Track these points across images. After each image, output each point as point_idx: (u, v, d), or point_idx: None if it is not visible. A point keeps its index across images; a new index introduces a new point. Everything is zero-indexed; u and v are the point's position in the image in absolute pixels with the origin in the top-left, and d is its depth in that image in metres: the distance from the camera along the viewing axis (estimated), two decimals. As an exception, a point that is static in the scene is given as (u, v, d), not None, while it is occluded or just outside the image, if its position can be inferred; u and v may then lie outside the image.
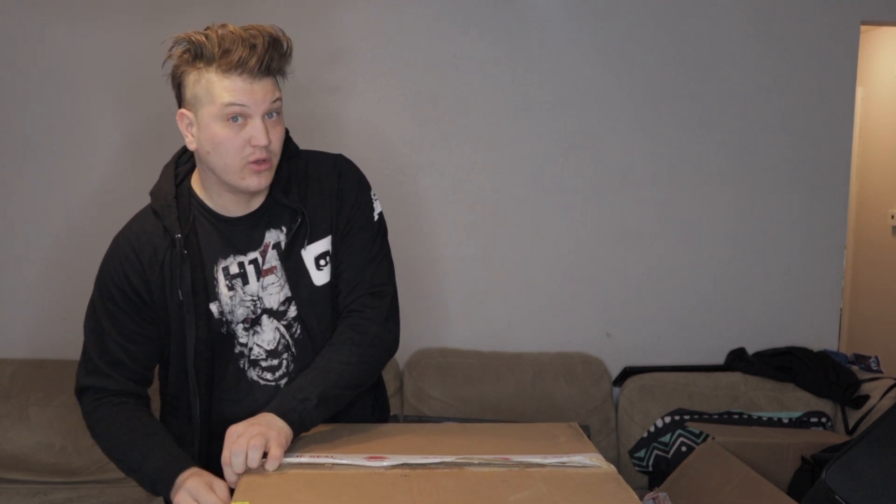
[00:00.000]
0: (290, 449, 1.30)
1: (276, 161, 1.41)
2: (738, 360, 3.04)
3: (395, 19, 2.94)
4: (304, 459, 1.26)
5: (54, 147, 2.89)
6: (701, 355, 3.08)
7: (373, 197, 1.54)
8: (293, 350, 1.48)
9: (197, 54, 1.34)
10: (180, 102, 1.40)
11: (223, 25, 1.36)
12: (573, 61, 2.99)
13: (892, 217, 4.39)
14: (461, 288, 3.03)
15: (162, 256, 1.42)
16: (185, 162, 1.50)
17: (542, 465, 1.26)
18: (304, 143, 1.56)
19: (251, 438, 1.25)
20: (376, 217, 1.53)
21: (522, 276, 3.04)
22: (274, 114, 1.38)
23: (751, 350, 3.08)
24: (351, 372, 1.42)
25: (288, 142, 1.50)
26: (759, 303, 3.10)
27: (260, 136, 1.35)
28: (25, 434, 2.74)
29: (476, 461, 1.26)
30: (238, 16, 2.85)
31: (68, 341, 2.27)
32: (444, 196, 3.00)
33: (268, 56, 1.34)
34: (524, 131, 3.00)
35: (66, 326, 2.76)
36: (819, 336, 3.11)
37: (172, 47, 1.38)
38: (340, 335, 1.45)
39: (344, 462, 1.25)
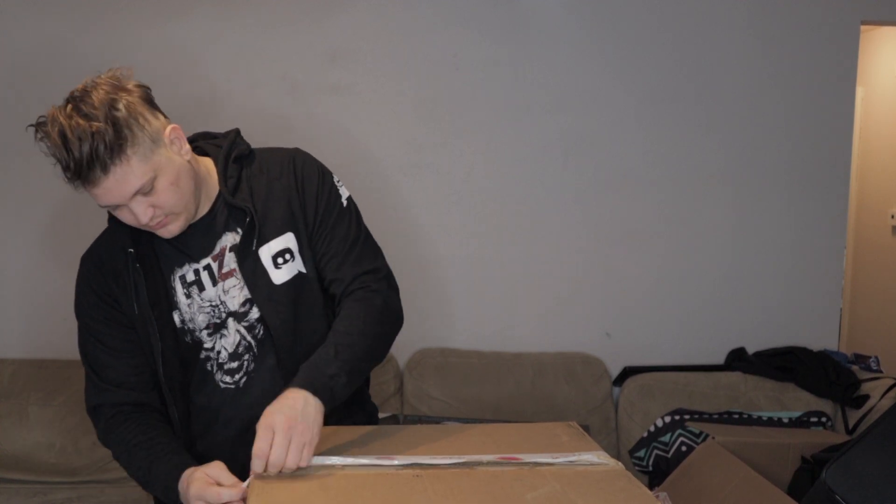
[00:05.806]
0: None
1: (179, 206, 1.35)
2: (738, 360, 3.04)
3: (395, 19, 2.94)
4: (314, 461, 1.26)
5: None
6: (701, 355, 3.09)
7: (337, 183, 1.51)
8: (255, 350, 1.46)
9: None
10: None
11: (52, 127, 1.24)
12: (573, 61, 2.99)
13: (892, 217, 4.39)
14: (461, 288, 3.03)
15: (122, 270, 1.43)
16: None
17: (552, 464, 1.26)
18: (303, 143, 1.56)
19: (296, 445, 1.21)
20: (345, 203, 1.50)
21: (522, 277, 3.04)
22: (143, 193, 1.30)
23: (751, 350, 3.08)
24: (371, 344, 1.40)
25: (239, 144, 1.48)
26: (759, 303, 3.10)
27: (136, 220, 1.33)
28: (25, 434, 2.75)
29: (486, 461, 1.26)
30: (238, 16, 2.85)
31: (68, 341, 2.23)
32: (444, 196, 3.00)
33: (88, 159, 1.23)
34: (524, 131, 3.00)
35: (66, 326, 2.71)
36: (819, 336, 3.12)
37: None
38: (350, 309, 1.42)
39: (355, 463, 1.24)
